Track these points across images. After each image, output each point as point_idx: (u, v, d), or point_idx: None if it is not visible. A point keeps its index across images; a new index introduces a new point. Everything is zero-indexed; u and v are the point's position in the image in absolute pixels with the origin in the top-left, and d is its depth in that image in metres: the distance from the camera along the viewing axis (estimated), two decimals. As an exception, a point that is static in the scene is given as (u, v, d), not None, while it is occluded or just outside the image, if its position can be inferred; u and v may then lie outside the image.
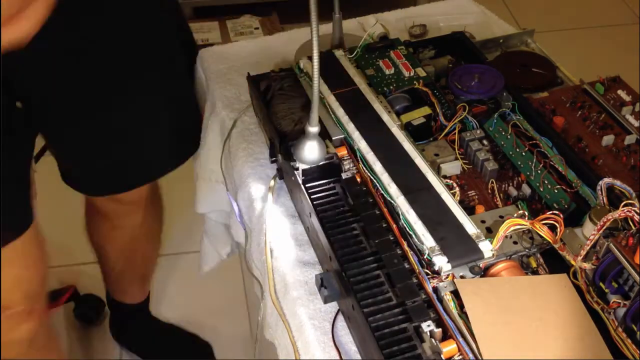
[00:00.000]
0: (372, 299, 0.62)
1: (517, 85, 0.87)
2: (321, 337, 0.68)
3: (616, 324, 0.60)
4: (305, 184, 0.74)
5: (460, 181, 0.76)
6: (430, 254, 0.63)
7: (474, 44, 0.94)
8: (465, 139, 0.79)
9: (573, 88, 0.86)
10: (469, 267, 0.64)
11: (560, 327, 0.59)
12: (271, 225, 0.79)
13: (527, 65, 0.91)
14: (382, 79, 0.86)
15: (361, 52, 0.90)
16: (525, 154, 0.76)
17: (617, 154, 0.76)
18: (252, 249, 0.85)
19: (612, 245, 0.60)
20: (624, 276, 0.60)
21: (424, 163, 0.72)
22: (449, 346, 0.58)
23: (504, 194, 0.75)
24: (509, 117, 0.81)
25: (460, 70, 0.88)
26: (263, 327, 0.81)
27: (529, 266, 0.66)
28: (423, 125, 0.81)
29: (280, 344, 0.75)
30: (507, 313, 0.60)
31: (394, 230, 0.68)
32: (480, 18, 1.14)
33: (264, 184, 0.84)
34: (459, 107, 0.82)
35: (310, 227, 0.74)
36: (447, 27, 1.08)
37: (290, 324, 0.72)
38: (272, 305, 0.75)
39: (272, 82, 0.87)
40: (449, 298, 0.61)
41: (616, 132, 0.78)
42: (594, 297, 0.62)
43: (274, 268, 0.76)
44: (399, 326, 0.60)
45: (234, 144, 0.91)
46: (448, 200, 0.68)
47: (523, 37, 0.99)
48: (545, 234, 0.64)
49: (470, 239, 0.64)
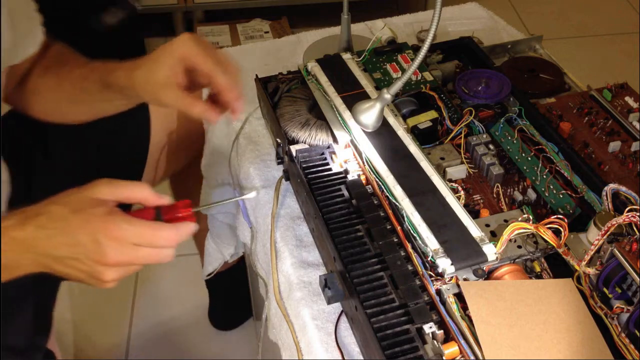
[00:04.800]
0: (375, 300, 0.62)
1: (524, 90, 0.87)
2: (324, 337, 0.68)
3: (619, 329, 0.60)
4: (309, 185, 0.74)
5: (466, 185, 0.76)
6: (434, 256, 0.63)
7: (482, 49, 0.94)
8: (471, 143, 0.79)
9: (580, 94, 0.86)
10: (473, 270, 0.64)
11: (563, 331, 0.59)
12: (277, 227, 0.79)
13: (535, 70, 0.91)
14: (389, 83, 0.86)
15: (369, 55, 0.90)
16: (531, 158, 0.76)
17: (624, 160, 0.76)
18: (257, 249, 0.85)
19: (616, 250, 0.60)
20: (628, 281, 0.60)
21: (430, 166, 0.73)
22: (451, 348, 0.58)
23: (509, 199, 0.75)
24: (515, 122, 0.81)
25: (468, 75, 0.88)
26: (267, 327, 0.81)
27: (533, 270, 0.66)
28: (429, 129, 0.81)
29: (284, 344, 0.75)
30: (511, 316, 0.60)
31: (398, 232, 0.68)
32: (489, 23, 1.14)
33: (270, 185, 0.85)
34: (466, 112, 0.82)
35: (315, 228, 0.74)
36: (455, 32, 1.08)
37: (293, 324, 0.72)
38: (276, 305, 0.75)
39: (280, 85, 0.88)
40: (452, 300, 0.62)
41: (623, 138, 0.79)
42: (597, 302, 0.62)
43: (279, 268, 0.77)
44: (401, 327, 0.60)
45: (241, 145, 0.92)
46: (453, 203, 0.69)
47: (531, 43, 0.99)
48: (550, 238, 0.64)
49: (475, 242, 0.65)
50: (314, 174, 0.75)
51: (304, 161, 0.77)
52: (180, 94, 0.72)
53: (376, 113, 0.74)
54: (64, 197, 0.62)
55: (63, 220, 0.60)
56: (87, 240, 0.60)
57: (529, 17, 2.40)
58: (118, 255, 0.60)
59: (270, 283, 0.78)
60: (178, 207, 0.65)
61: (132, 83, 0.74)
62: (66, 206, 0.61)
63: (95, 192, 0.62)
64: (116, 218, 0.60)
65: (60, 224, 0.60)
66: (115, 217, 0.60)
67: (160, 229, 0.62)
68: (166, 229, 0.62)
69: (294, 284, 0.73)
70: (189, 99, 0.72)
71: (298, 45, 1.10)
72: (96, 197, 0.61)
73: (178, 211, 0.65)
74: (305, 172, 0.75)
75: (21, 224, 0.61)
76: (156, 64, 0.72)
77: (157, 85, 0.72)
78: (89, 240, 0.59)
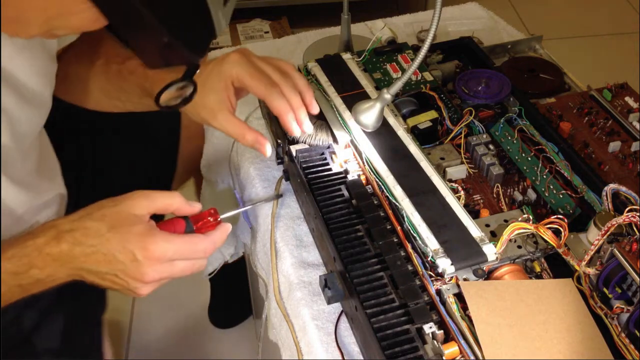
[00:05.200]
0: (375, 300, 0.62)
1: (524, 90, 0.87)
2: (324, 337, 0.68)
3: (619, 329, 0.60)
4: (309, 185, 0.74)
5: (466, 185, 0.76)
6: (434, 256, 0.63)
7: (482, 49, 0.94)
8: (471, 143, 0.79)
9: (580, 94, 0.87)
10: (473, 270, 0.64)
11: (563, 331, 0.59)
12: (277, 227, 0.79)
13: (535, 70, 0.91)
14: (389, 83, 0.86)
15: (369, 55, 0.90)
16: (531, 159, 0.76)
17: (624, 161, 0.76)
18: (257, 249, 0.85)
19: (616, 250, 0.60)
20: (628, 281, 0.60)
21: (430, 166, 0.73)
22: (450, 348, 0.58)
23: (509, 199, 0.75)
24: (515, 122, 0.81)
25: (468, 75, 0.88)
26: (267, 327, 0.81)
27: (533, 270, 0.66)
28: (429, 129, 0.81)
29: (284, 344, 0.75)
30: (511, 316, 0.60)
31: (398, 232, 0.68)
32: (489, 23, 1.14)
33: (270, 185, 0.85)
34: (466, 112, 0.82)
35: (315, 228, 0.74)
36: (455, 32, 1.08)
37: (293, 324, 0.72)
38: (276, 305, 0.75)
39: (280, 84, 0.88)
40: (452, 300, 0.62)
41: (623, 138, 0.79)
42: (597, 302, 0.62)
43: (279, 268, 0.77)
44: (401, 327, 0.60)
45: (241, 145, 0.92)
46: (453, 203, 0.69)
47: (531, 43, 0.99)
48: (550, 238, 0.64)
49: (474, 242, 0.65)
50: (314, 174, 0.75)
51: (304, 161, 0.77)
52: (231, 120, 0.71)
53: (376, 113, 0.74)
54: (98, 209, 0.61)
55: (100, 237, 0.59)
56: (125, 259, 0.59)
57: (529, 17, 2.40)
58: (157, 274, 0.60)
59: (270, 283, 0.78)
60: (206, 215, 0.65)
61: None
62: (103, 222, 0.60)
63: (131, 206, 0.61)
64: (155, 237, 0.59)
65: (97, 240, 0.59)
66: (154, 237, 0.59)
67: (197, 242, 0.62)
68: (202, 241, 0.62)
69: (294, 284, 0.73)
70: (239, 128, 0.71)
71: (298, 45, 1.10)
72: (132, 213, 0.60)
73: (207, 221, 0.65)
74: (305, 172, 0.75)
75: (56, 239, 0.60)
76: (205, 87, 0.69)
77: (206, 109, 0.71)
78: (127, 258, 0.59)
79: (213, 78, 0.71)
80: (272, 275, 0.77)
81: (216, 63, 0.72)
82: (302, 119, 0.73)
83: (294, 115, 0.73)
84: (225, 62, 0.72)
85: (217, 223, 0.66)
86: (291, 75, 0.74)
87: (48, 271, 0.60)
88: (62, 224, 0.61)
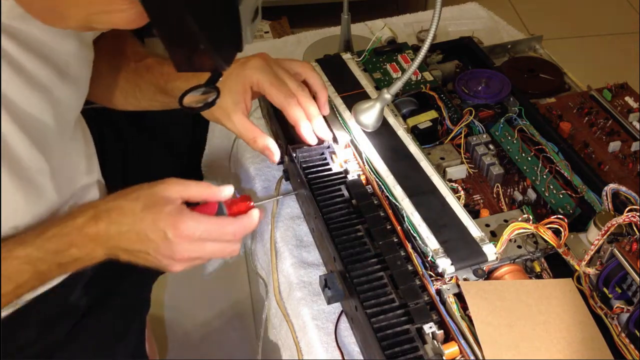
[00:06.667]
0: (375, 300, 0.62)
1: (524, 90, 0.87)
2: (324, 337, 0.68)
3: (619, 329, 0.60)
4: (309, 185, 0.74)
5: (466, 185, 0.76)
6: (434, 256, 0.63)
7: (482, 49, 0.94)
8: (471, 143, 0.79)
9: (580, 94, 0.87)
10: (473, 269, 0.64)
11: (563, 331, 0.59)
12: (277, 227, 0.79)
13: (535, 70, 0.91)
14: (389, 83, 0.86)
15: (369, 55, 0.90)
16: (531, 158, 0.76)
17: (624, 160, 0.76)
18: (257, 249, 0.85)
19: (616, 250, 0.60)
20: (628, 281, 0.60)
21: (430, 166, 0.73)
22: (451, 348, 0.58)
23: (509, 199, 0.75)
24: (515, 122, 0.81)
25: (468, 75, 0.88)
26: (267, 327, 0.81)
27: (533, 270, 0.66)
28: (429, 129, 0.81)
29: (284, 344, 0.75)
30: (511, 316, 0.60)
31: (398, 232, 0.68)
32: (489, 23, 1.14)
33: (270, 184, 0.85)
34: (466, 112, 0.82)
35: (315, 228, 0.74)
36: (455, 32, 1.09)
37: (293, 324, 0.72)
38: (276, 305, 0.75)
39: (280, 84, 0.88)
40: (452, 300, 0.62)
41: (623, 138, 0.79)
42: (597, 302, 0.62)
43: (279, 268, 0.77)
44: (401, 327, 0.60)
45: (241, 144, 0.92)
46: (453, 203, 0.69)
47: (531, 43, 0.99)
48: (550, 238, 0.64)
49: (475, 242, 0.65)
50: (314, 174, 0.75)
51: (304, 161, 0.77)
52: (244, 123, 0.72)
53: (376, 113, 0.74)
54: (134, 191, 0.63)
55: (134, 216, 0.61)
56: (157, 237, 0.61)
57: (529, 17, 2.40)
58: (186, 252, 0.62)
59: (270, 283, 0.78)
60: (238, 201, 0.66)
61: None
62: (137, 202, 0.62)
63: (165, 189, 0.63)
64: (185, 217, 0.61)
65: (131, 219, 0.61)
66: (184, 216, 0.61)
67: (227, 224, 0.63)
68: (232, 224, 0.63)
69: (294, 284, 0.73)
70: (252, 132, 0.73)
71: (298, 45, 1.10)
72: (166, 195, 0.62)
73: (239, 206, 0.66)
74: (305, 172, 0.75)
75: (94, 219, 0.62)
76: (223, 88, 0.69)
77: (221, 110, 0.72)
78: (159, 237, 0.61)
79: (232, 80, 0.72)
80: (272, 275, 0.77)
81: (237, 66, 0.73)
82: (318, 128, 0.75)
83: (310, 125, 0.75)
84: (248, 67, 0.73)
85: (249, 208, 0.66)
86: (308, 76, 0.76)
87: (86, 250, 0.63)
88: (100, 204, 0.63)
